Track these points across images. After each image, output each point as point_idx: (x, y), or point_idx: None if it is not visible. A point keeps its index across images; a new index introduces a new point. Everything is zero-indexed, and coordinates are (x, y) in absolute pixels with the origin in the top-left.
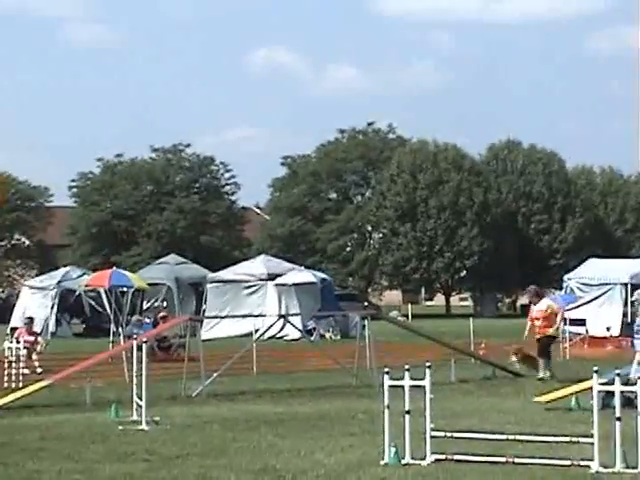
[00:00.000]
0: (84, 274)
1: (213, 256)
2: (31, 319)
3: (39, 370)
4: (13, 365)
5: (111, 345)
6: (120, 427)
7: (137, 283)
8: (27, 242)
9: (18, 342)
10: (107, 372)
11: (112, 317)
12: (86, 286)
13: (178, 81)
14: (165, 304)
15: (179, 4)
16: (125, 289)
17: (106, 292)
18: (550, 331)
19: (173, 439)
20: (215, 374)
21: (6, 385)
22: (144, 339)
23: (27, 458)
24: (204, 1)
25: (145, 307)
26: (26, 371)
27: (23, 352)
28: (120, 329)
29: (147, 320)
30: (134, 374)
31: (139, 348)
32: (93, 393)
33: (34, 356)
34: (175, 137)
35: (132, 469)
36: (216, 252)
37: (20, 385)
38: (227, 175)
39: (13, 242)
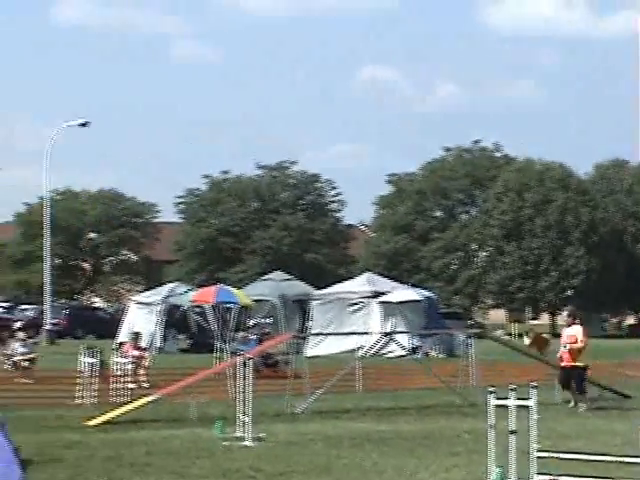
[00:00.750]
0: (190, 290)
1: (318, 273)
2: (138, 334)
3: (146, 385)
4: (120, 380)
5: (216, 361)
6: (225, 443)
7: (242, 300)
8: (134, 258)
9: (125, 357)
10: (212, 388)
11: (217, 333)
12: (192, 302)
13: (284, 98)
14: (270, 321)
15: (282, 23)
16: (231, 305)
17: (212, 308)
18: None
19: (277, 456)
20: (319, 391)
21: (113, 400)
22: (249, 356)
23: (133, 473)
24: (307, 21)
25: (250, 324)
26: (133, 386)
27: (130, 367)
28: (225, 345)
29: (252, 337)
30: (239, 391)
31: (244, 365)
32: (198, 409)
33: (141, 371)
34: (281, 154)
35: None
36: (321, 269)
37: (127, 400)
38: (332, 192)
39: (121, 258)
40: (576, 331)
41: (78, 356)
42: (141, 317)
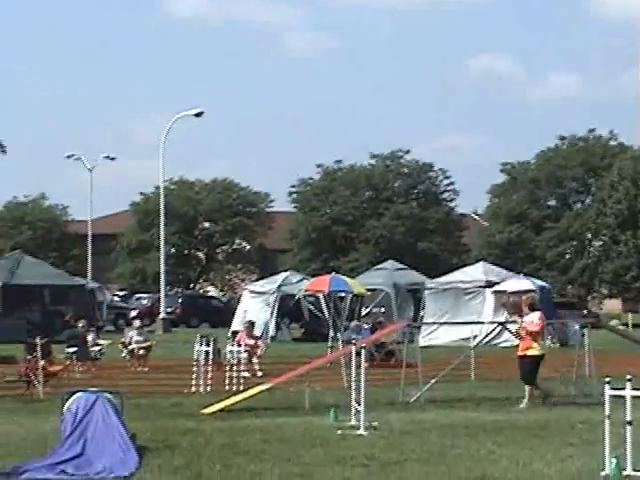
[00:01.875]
0: (303, 279)
1: (431, 262)
2: (252, 323)
3: (259, 373)
4: (234, 368)
5: (330, 350)
6: (339, 431)
7: (356, 289)
8: (248, 247)
9: (239, 346)
10: (326, 377)
11: (331, 322)
12: (305, 291)
13: (398, 87)
14: (383, 310)
15: (396, 12)
16: (344, 294)
17: (325, 297)
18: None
19: (391, 444)
20: (433, 380)
21: (227, 388)
22: (363, 344)
23: (249, 460)
24: (420, 9)
25: (363, 313)
26: (247, 374)
27: (244, 355)
28: (338, 334)
29: (365, 326)
30: (353, 379)
31: (357, 353)
32: (312, 397)
33: (255, 360)
34: (394, 143)
35: (351, 474)
36: (434, 258)
37: (241, 388)
38: (446, 181)
39: (234, 247)
40: (533, 318)
41: (193, 345)
42: (255, 306)
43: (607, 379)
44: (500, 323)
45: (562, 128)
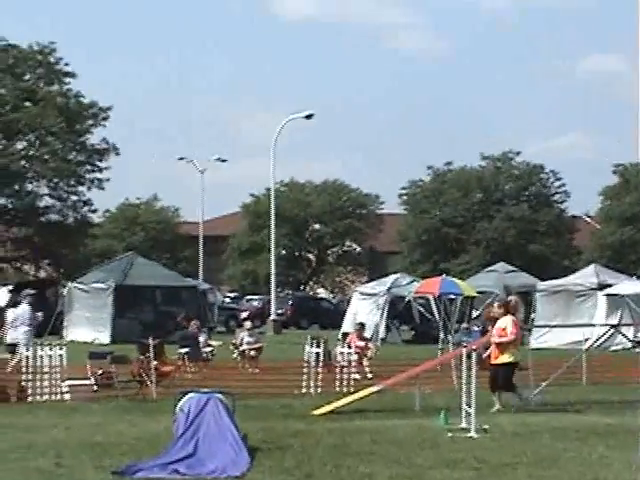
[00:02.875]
0: (413, 281)
1: (542, 265)
2: (362, 325)
3: (370, 375)
4: (344, 370)
5: (440, 352)
6: (449, 434)
7: (466, 291)
8: (358, 249)
9: (350, 347)
10: (436, 379)
11: (441, 324)
12: (416, 293)
13: (508, 89)
14: None
15: (505, 13)
16: (454, 297)
17: (435, 299)
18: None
19: (502, 447)
20: (544, 383)
21: (338, 390)
22: (473, 347)
23: (359, 461)
24: (530, 11)
25: (474, 315)
26: (357, 376)
27: (354, 357)
28: (449, 336)
29: (475, 328)
30: (463, 382)
31: (468, 356)
32: (422, 399)
33: (365, 361)
34: (505, 145)
35: (462, 476)
36: (545, 260)
37: (351, 390)
38: (557, 183)
39: (345, 249)
40: (506, 323)
41: (304, 346)
42: (365, 308)
43: None
44: (613, 326)
45: None
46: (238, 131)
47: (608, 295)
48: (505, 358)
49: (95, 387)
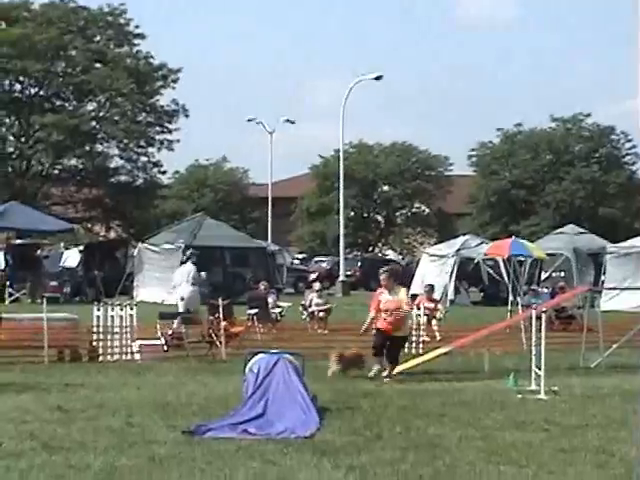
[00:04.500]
0: (482, 243)
1: (612, 227)
2: (431, 286)
3: (438, 337)
4: (414, 332)
5: (509, 314)
6: (519, 396)
7: (536, 253)
8: (427, 210)
9: (419, 309)
10: (505, 341)
11: (510, 286)
12: (485, 255)
13: (580, 50)
14: (563, 274)
15: None
16: (523, 258)
17: (504, 261)
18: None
19: (572, 409)
20: (614, 345)
21: (407, 351)
22: (543, 309)
23: (429, 423)
24: None
25: (543, 277)
26: (426, 338)
27: (423, 319)
28: (518, 298)
29: (545, 290)
30: (533, 344)
31: (538, 318)
32: (491, 361)
33: (434, 323)
34: (576, 106)
35: (531, 438)
36: (615, 223)
37: (420, 351)
38: (628, 145)
39: (413, 210)
40: (400, 296)
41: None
42: (434, 269)
43: None
44: None
45: None
46: (307, 92)
47: None
48: (401, 332)
49: (165, 347)
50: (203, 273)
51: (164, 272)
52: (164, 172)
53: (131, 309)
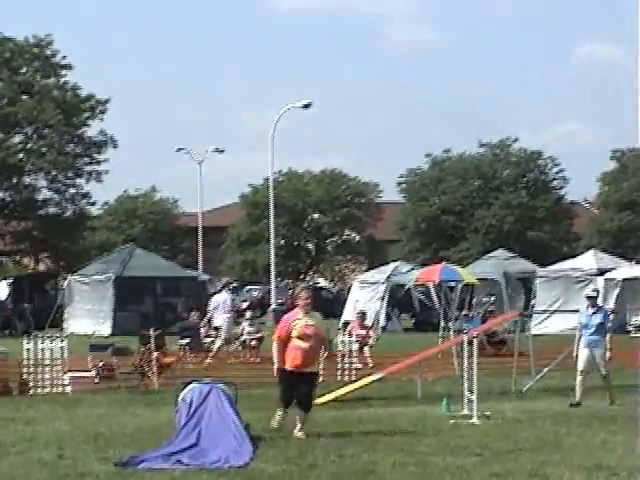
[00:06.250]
0: (413, 269)
1: (541, 251)
2: (363, 313)
3: (371, 364)
4: (346, 359)
5: (441, 340)
6: (452, 421)
7: (466, 278)
8: (357, 238)
9: (350, 336)
10: (437, 367)
11: (441, 312)
12: (416, 281)
13: (502, 77)
14: (494, 299)
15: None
16: (454, 284)
17: (435, 287)
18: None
19: (505, 434)
20: (546, 369)
21: (339, 378)
22: (475, 333)
23: (363, 450)
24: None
25: (474, 302)
26: (359, 365)
27: (355, 346)
28: (450, 324)
29: (476, 315)
30: (465, 369)
31: (469, 343)
32: (424, 387)
33: (366, 350)
34: (502, 133)
35: (465, 463)
36: (544, 247)
37: (353, 378)
38: (555, 169)
39: (344, 238)
40: (318, 321)
41: None
42: (365, 296)
43: None
44: (613, 311)
45: None
46: (236, 122)
47: (607, 280)
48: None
49: (97, 379)
50: (237, 300)
51: (94, 304)
52: (93, 203)
53: (62, 341)
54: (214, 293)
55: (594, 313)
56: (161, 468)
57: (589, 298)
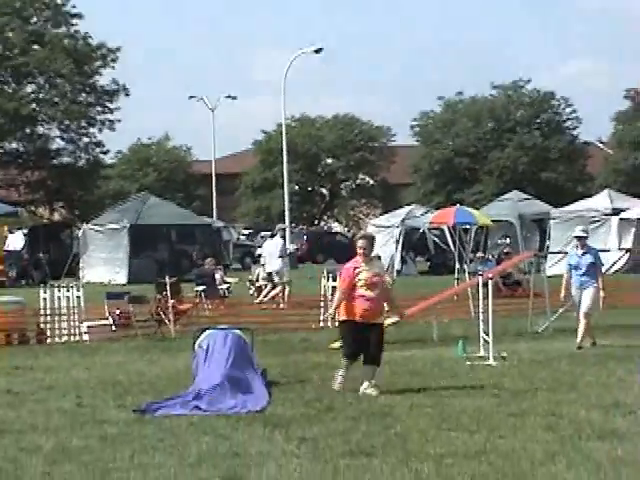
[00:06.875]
0: (427, 212)
1: (555, 192)
2: (378, 257)
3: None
4: None
5: (456, 282)
6: (468, 363)
7: (481, 220)
8: (371, 182)
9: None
10: (452, 309)
11: (456, 254)
12: (430, 223)
13: (510, 18)
14: (509, 241)
15: None
16: (469, 226)
17: (450, 229)
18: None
19: (521, 374)
20: (561, 309)
21: None
22: (490, 275)
23: (380, 392)
24: None
25: (489, 244)
26: None
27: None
28: (465, 266)
29: (491, 257)
30: (480, 310)
31: (485, 285)
32: (439, 330)
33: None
34: (515, 74)
35: (482, 403)
36: (558, 188)
37: None
38: (568, 110)
39: (357, 182)
40: (380, 269)
41: (321, 280)
42: (379, 240)
43: None
44: (627, 250)
45: None
46: (249, 67)
47: (622, 219)
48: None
49: (114, 327)
50: (290, 245)
51: (110, 252)
52: (106, 152)
53: (78, 290)
54: (269, 237)
55: (584, 254)
56: (179, 414)
57: (579, 238)
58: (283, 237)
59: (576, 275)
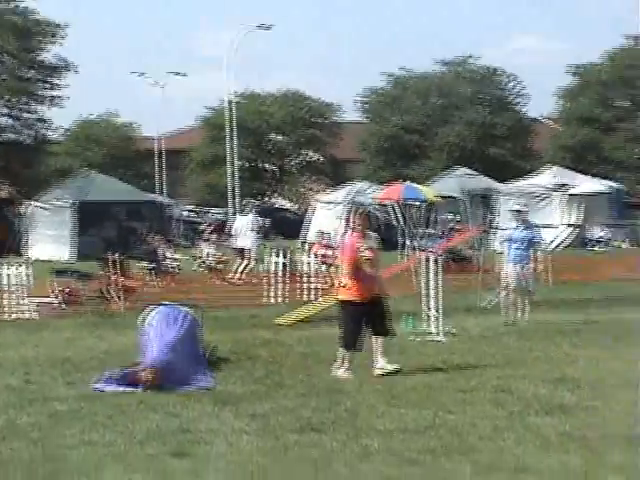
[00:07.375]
0: (375, 188)
1: (502, 168)
2: (323, 233)
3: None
4: (311, 279)
5: (403, 258)
6: (417, 339)
7: (428, 196)
8: (320, 158)
9: (316, 257)
10: (400, 285)
11: (406, 231)
12: (378, 200)
13: None
14: (458, 217)
15: None
16: (416, 202)
17: (398, 205)
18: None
19: (470, 350)
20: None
21: (305, 299)
22: (438, 252)
23: (328, 369)
24: None
25: (437, 220)
26: (320, 285)
27: (323, 267)
28: (414, 242)
29: (439, 233)
30: (431, 287)
31: (435, 261)
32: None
33: (332, 270)
34: (460, 49)
35: (431, 380)
36: (505, 164)
37: (317, 299)
38: (515, 86)
39: (307, 159)
40: (375, 243)
41: (268, 257)
42: (328, 216)
43: None
44: (574, 226)
45: (629, 28)
46: (195, 43)
47: (568, 195)
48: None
49: (63, 305)
50: (261, 219)
51: (56, 229)
52: (53, 129)
53: (26, 267)
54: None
55: (523, 229)
56: (128, 391)
57: (518, 212)
58: (257, 213)
59: (512, 249)
